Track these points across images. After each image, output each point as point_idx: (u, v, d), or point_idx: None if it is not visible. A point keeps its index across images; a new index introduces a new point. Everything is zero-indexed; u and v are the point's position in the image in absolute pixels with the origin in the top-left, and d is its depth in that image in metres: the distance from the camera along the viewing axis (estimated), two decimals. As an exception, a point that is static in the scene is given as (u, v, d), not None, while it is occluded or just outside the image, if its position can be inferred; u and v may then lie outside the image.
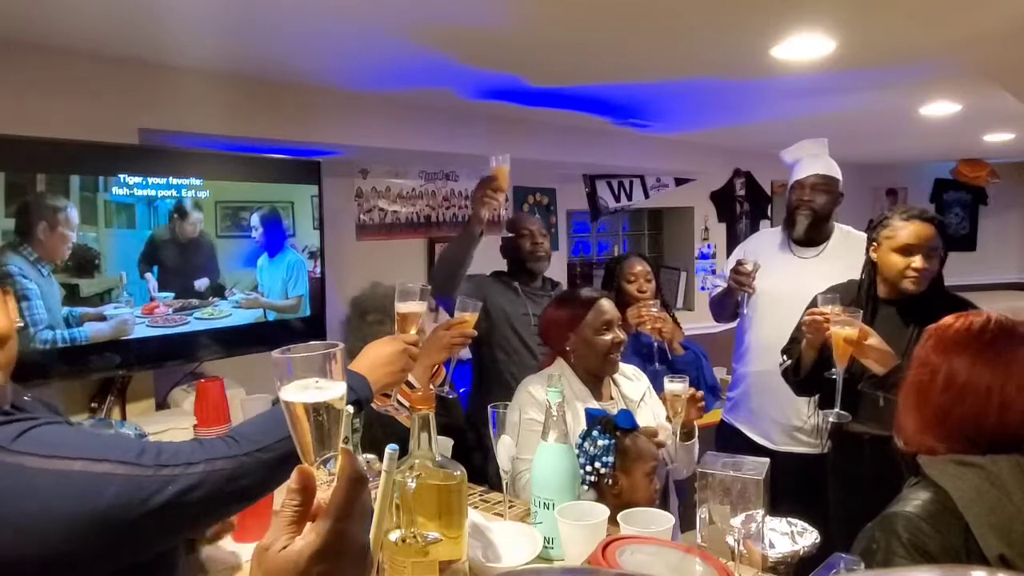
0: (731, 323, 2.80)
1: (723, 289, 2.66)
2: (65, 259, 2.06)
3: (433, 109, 3.08)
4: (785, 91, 2.97)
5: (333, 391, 0.73)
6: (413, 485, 1.19)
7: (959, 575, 0.82)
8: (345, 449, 0.68)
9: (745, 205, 5.45)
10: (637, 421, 1.80)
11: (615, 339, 1.98)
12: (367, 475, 0.68)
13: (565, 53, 2.37)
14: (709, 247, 5.28)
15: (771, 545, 1.35)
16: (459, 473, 1.25)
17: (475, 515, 1.53)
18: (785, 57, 2.40)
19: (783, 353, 2.19)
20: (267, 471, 0.96)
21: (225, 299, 2.50)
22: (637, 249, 5.29)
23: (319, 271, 2.78)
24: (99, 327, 2.15)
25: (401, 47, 2.23)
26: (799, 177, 2.52)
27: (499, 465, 1.63)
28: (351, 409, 1.21)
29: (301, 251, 2.74)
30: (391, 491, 0.78)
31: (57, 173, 2.05)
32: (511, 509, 1.66)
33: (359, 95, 2.83)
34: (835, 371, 1.95)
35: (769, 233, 2.78)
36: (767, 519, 1.33)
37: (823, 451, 2.31)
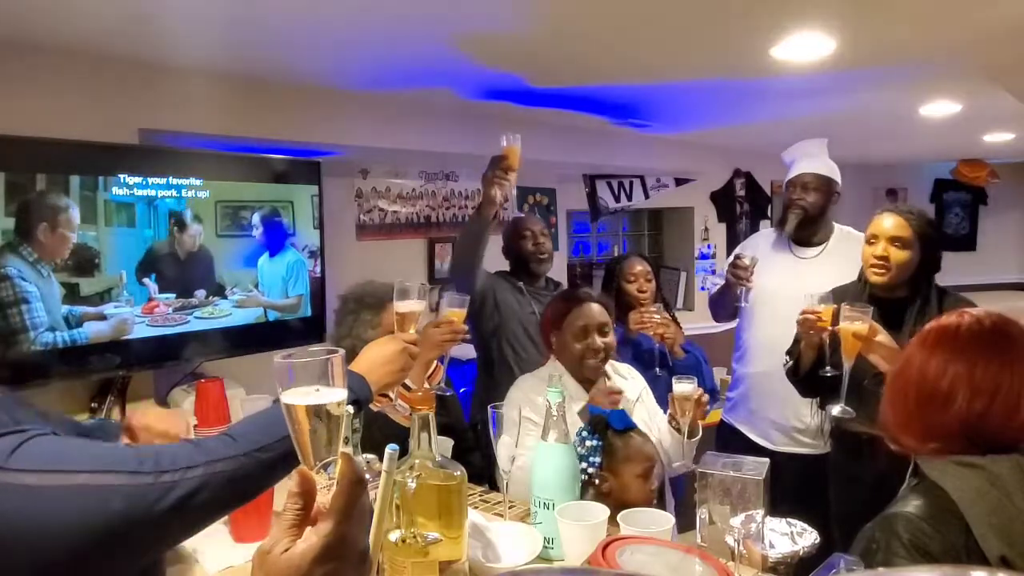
0: (731, 323, 2.80)
1: (721, 285, 2.66)
2: (65, 258, 2.06)
3: (433, 109, 3.08)
4: (785, 91, 2.97)
5: (333, 396, 0.73)
6: (413, 485, 1.19)
7: (960, 575, 0.81)
8: (345, 453, 0.69)
9: (745, 205, 5.44)
10: (633, 421, 1.80)
11: (590, 345, 1.95)
12: (367, 478, 0.68)
13: (566, 53, 2.37)
14: (709, 247, 5.28)
15: (771, 545, 1.35)
16: (459, 473, 1.25)
17: (475, 515, 1.53)
18: (785, 57, 2.40)
19: (787, 354, 2.19)
20: (266, 471, 0.96)
21: (225, 298, 2.50)
22: (637, 249, 5.29)
23: (319, 271, 2.78)
24: (99, 327, 2.15)
25: (401, 47, 2.23)
26: (791, 176, 2.54)
27: (499, 465, 1.63)
28: (351, 409, 1.21)
29: (301, 251, 2.74)
30: (391, 491, 0.79)
31: (57, 173, 2.05)
32: (511, 509, 1.65)
33: (359, 95, 2.83)
34: (829, 369, 1.97)
35: (769, 233, 2.78)
36: (767, 519, 1.33)
37: (824, 451, 2.31)
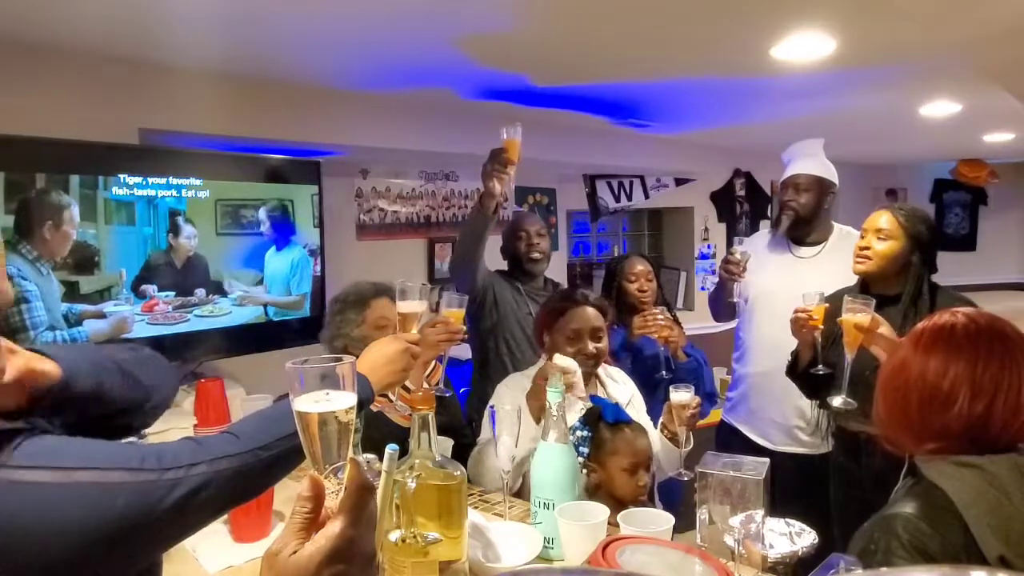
0: (730, 322, 2.80)
1: (716, 284, 2.67)
2: (64, 257, 2.06)
3: (433, 109, 3.08)
4: (785, 91, 2.97)
5: (343, 402, 0.74)
6: (413, 485, 1.19)
7: (959, 575, 0.81)
8: (353, 458, 0.70)
9: (745, 205, 5.44)
10: (628, 415, 1.81)
11: (581, 349, 1.94)
12: (374, 484, 0.69)
13: (566, 53, 2.37)
14: (709, 247, 5.28)
15: (770, 546, 1.35)
16: (459, 473, 1.25)
17: (475, 515, 1.53)
18: (785, 57, 2.41)
19: (792, 354, 2.20)
20: (268, 468, 0.96)
21: (226, 296, 2.50)
22: (637, 249, 5.29)
23: (319, 271, 2.78)
24: (98, 325, 2.15)
25: (402, 47, 2.23)
26: (784, 177, 2.56)
27: (499, 465, 1.63)
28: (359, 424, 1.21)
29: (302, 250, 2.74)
30: (391, 491, 0.79)
31: (57, 173, 2.05)
32: (511, 509, 1.66)
33: (359, 95, 2.83)
34: (821, 368, 2.00)
35: (768, 233, 2.78)
36: (766, 519, 1.33)
37: (824, 450, 2.31)
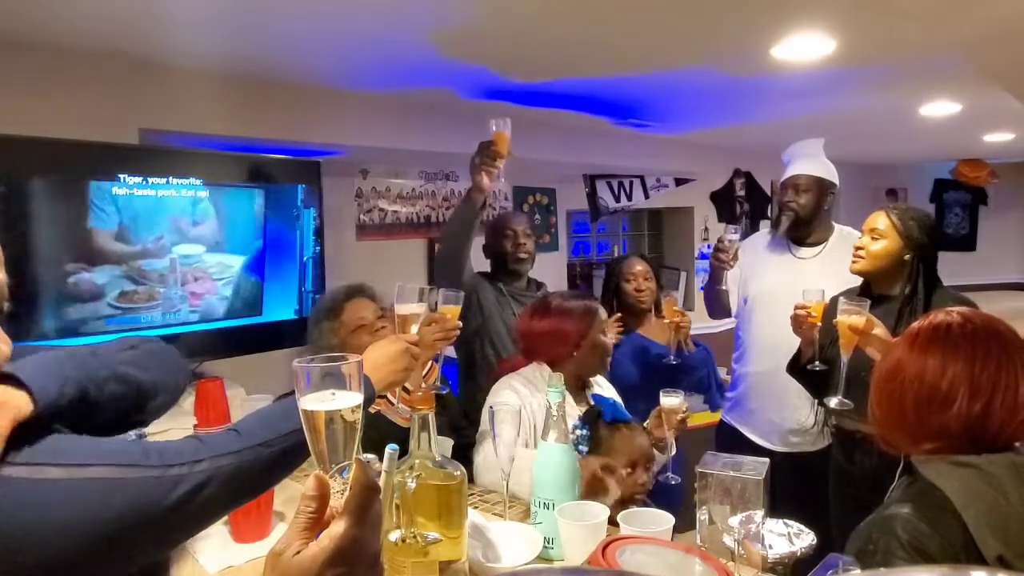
0: (726, 319, 2.80)
1: (708, 276, 2.67)
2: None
3: (433, 109, 3.08)
4: (785, 91, 2.98)
5: (349, 401, 0.74)
6: (413, 485, 1.19)
7: (959, 575, 0.81)
8: (359, 459, 0.70)
9: (745, 205, 5.45)
10: (626, 414, 1.81)
11: (605, 347, 2.01)
12: (379, 485, 0.69)
13: (566, 54, 2.37)
14: (709, 247, 5.26)
15: (769, 546, 1.35)
16: (459, 473, 1.25)
17: (475, 515, 1.53)
18: (785, 57, 2.41)
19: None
20: (271, 466, 0.96)
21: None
22: (637, 249, 5.30)
23: (319, 271, 2.78)
24: (99, 327, 2.15)
25: (402, 47, 2.23)
26: (784, 178, 2.56)
27: (500, 464, 1.63)
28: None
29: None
30: (391, 491, 0.79)
31: (57, 173, 2.05)
32: (511, 509, 1.66)
33: (359, 95, 2.83)
34: (817, 364, 2.01)
35: (768, 234, 2.78)
36: (765, 520, 1.33)
37: (823, 445, 2.32)
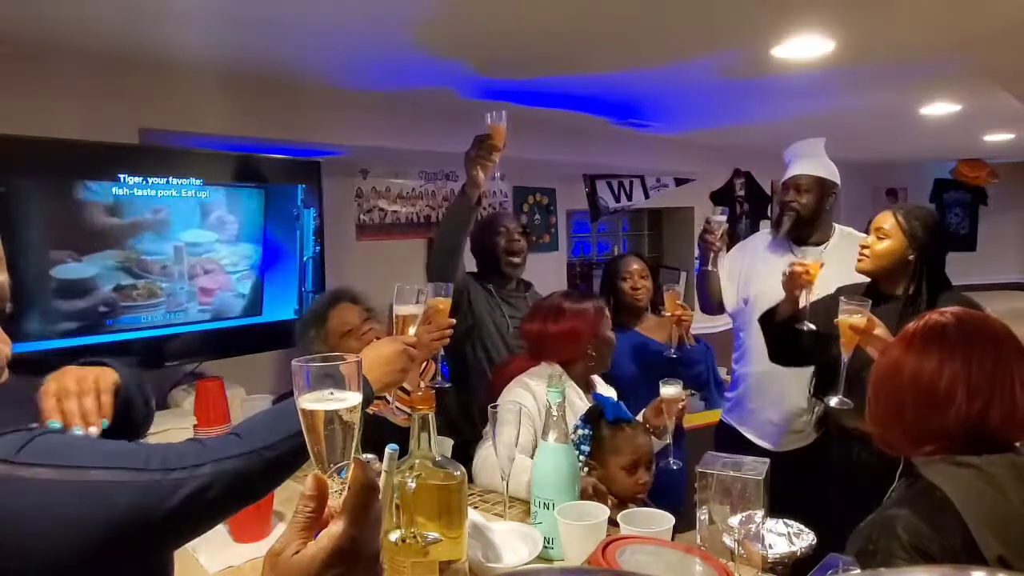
0: (717, 313, 2.81)
1: (699, 267, 2.68)
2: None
3: (433, 109, 3.08)
4: (785, 91, 2.97)
5: (349, 401, 0.74)
6: (413, 485, 1.20)
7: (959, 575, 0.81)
8: (357, 459, 0.70)
9: (745, 205, 5.44)
10: (628, 413, 1.82)
11: (611, 341, 2.12)
12: (378, 485, 0.69)
13: (565, 54, 2.37)
14: (709, 247, 5.28)
15: (769, 546, 1.35)
16: (459, 473, 1.26)
17: (475, 515, 1.53)
18: (785, 57, 2.41)
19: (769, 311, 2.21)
20: (273, 469, 0.96)
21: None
22: (637, 249, 5.30)
23: (319, 271, 2.78)
24: (99, 327, 2.15)
25: (402, 47, 2.23)
26: (785, 178, 2.55)
27: (499, 464, 1.63)
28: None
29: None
30: (391, 491, 0.79)
31: (57, 173, 2.05)
32: (511, 509, 1.66)
33: (359, 95, 2.83)
34: (806, 324, 2.05)
35: (768, 234, 2.78)
36: (765, 520, 1.33)
37: (813, 436, 2.34)
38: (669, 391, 1.92)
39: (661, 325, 2.69)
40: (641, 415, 2.01)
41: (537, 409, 1.87)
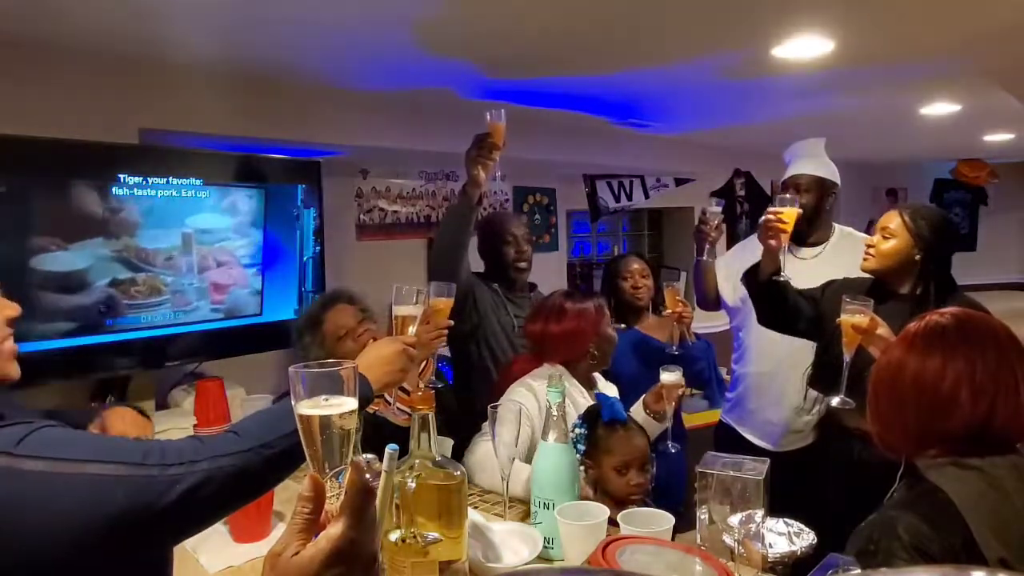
0: (712, 309, 2.81)
1: (695, 261, 2.68)
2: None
3: (433, 109, 3.08)
4: (785, 91, 2.97)
5: (345, 406, 0.74)
6: (413, 485, 1.20)
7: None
8: (355, 461, 0.71)
9: (745, 205, 5.45)
10: (624, 415, 1.82)
11: (613, 339, 2.14)
12: (374, 488, 0.70)
13: (565, 54, 2.37)
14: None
15: (769, 545, 1.35)
16: (459, 473, 1.26)
17: (475, 515, 1.53)
18: (785, 57, 2.41)
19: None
20: (270, 467, 0.96)
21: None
22: (637, 249, 5.30)
23: (319, 271, 2.78)
24: (99, 327, 2.14)
25: (402, 47, 2.23)
26: (785, 178, 2.55)
27: (499, 464, 1.63)
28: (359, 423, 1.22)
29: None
30: (391, 491, 0.79)
31: (57, 173, 2.05)
32: (511, 509, 1.66)
33: (359, 95, 2.83)
34: (783, 275, 2.04)
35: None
36: (765, 519, 1.33)
37: (814, 439, 2.33)
38: (669, 377, 1.95)
39: (661, 325, 2.69)
40: (641, 400, 2.04)
41: (539, 410, 1.87)
